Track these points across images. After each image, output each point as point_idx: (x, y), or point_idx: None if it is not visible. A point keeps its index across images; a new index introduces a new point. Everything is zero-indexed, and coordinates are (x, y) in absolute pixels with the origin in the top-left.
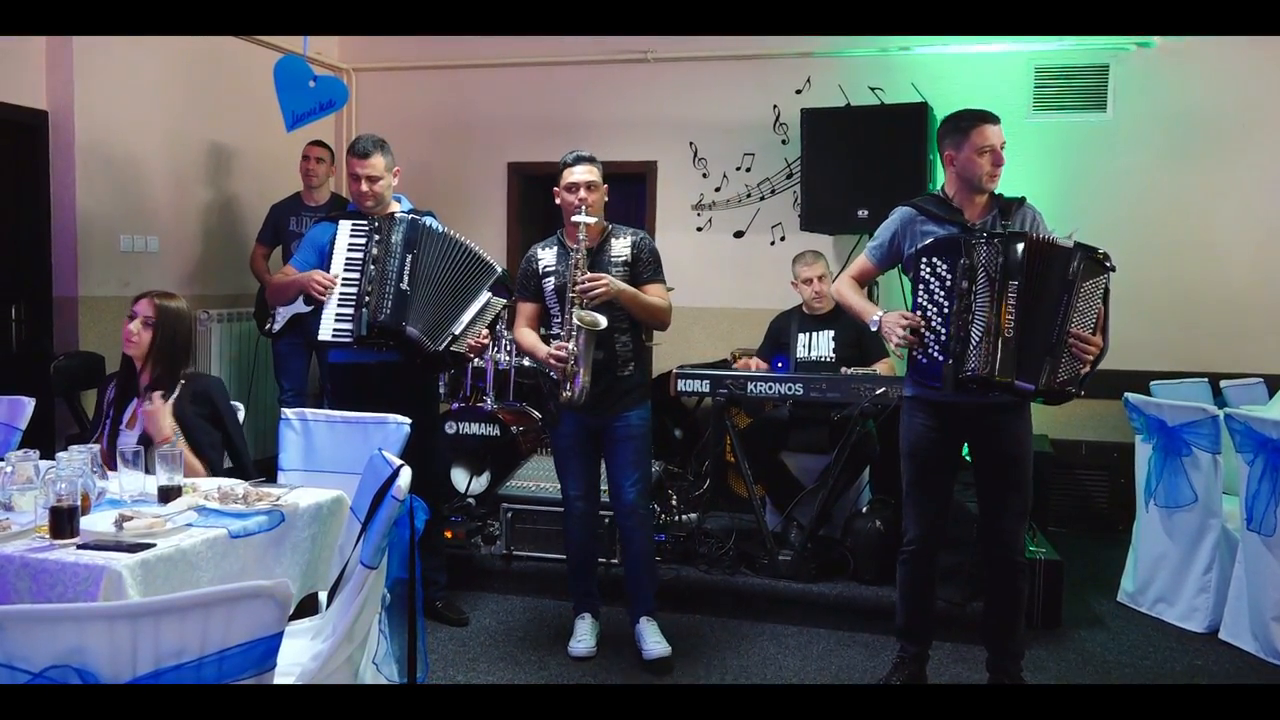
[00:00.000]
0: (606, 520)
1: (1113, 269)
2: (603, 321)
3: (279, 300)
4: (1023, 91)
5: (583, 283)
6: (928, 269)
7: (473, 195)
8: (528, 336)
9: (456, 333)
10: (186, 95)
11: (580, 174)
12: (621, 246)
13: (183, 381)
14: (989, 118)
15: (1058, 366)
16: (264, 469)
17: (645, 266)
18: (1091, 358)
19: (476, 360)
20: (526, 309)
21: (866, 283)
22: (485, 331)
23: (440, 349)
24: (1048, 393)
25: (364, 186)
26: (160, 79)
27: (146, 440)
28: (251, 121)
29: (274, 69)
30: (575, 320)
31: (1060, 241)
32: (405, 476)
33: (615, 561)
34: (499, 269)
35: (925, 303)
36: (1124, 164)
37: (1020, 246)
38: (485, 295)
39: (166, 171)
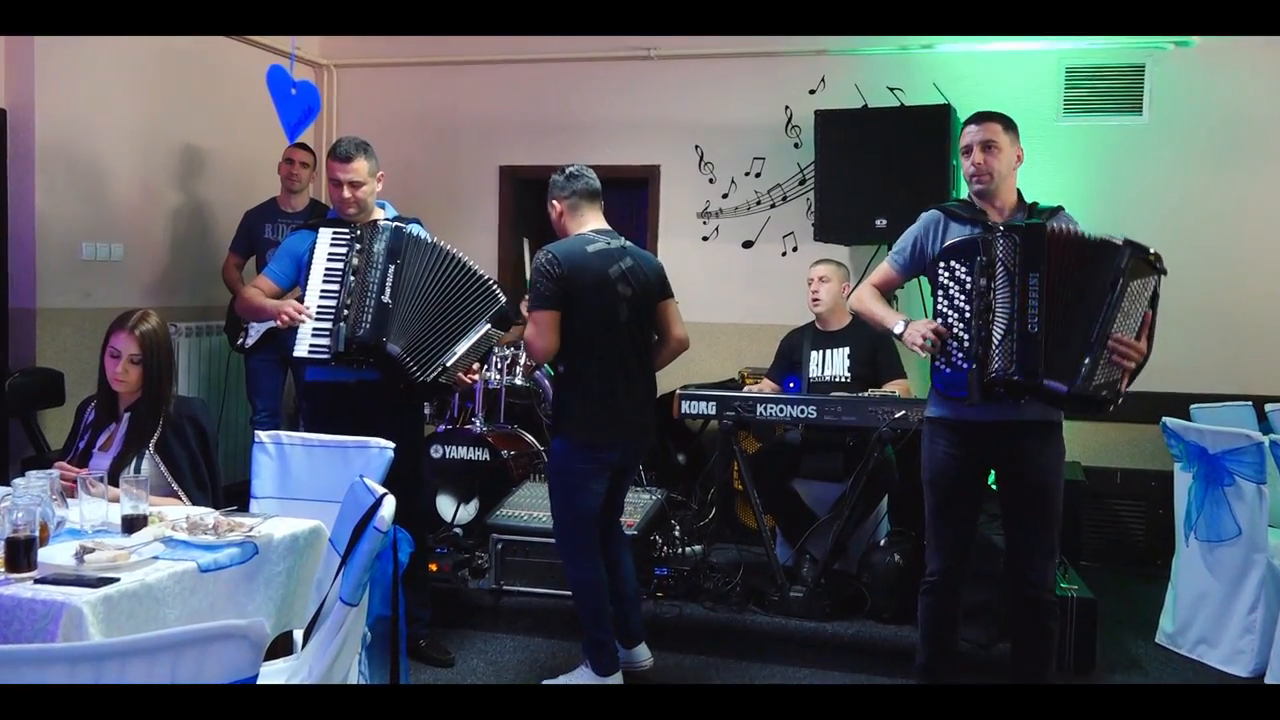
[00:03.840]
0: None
1: (1163, 271)
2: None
3: (247, 316)
4: (1053, 93)
5: None
6: (946, 273)
7: (462, 200)
8: None
9: (448, 364)
10: (157, 93)
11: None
12: None
13: (165, 409)
14: (972, 117)
15: (1095, 370)
16: (236, 496)
17: None
18: (1133, 365)
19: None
20: None
21: (890, 292)
22: (476, 365)
23: (428, 380)
24: (1081, 398)
25: (346, 193)
26: (129, 75)
27: (114, 470)
28: (227, 122)
29: (266, 79)
30: None
31: (1110, 238)
32: (389, 506)
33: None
34: (502, 299)
35: (946, 309)
36: (1161, 170)
37: (1040, 236)
38: (484, 326)
39: (133, 174)
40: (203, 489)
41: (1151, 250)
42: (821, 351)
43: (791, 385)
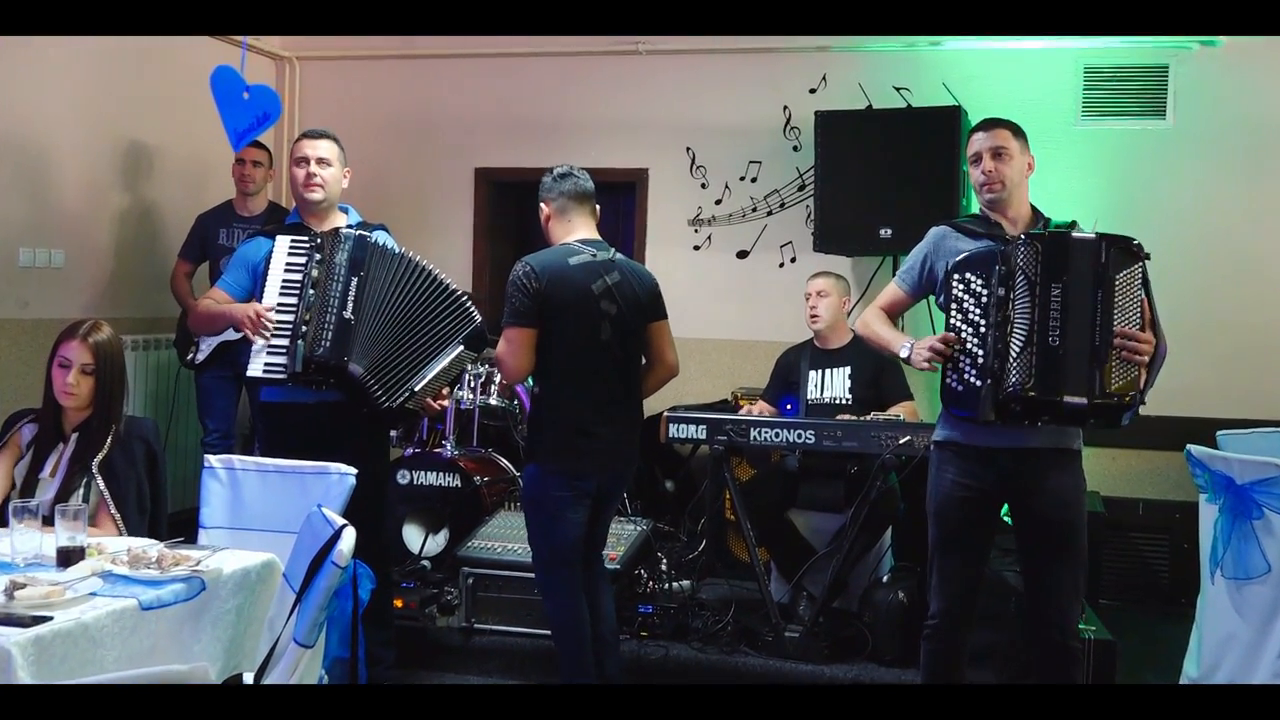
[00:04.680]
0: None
1: (1147, 256)
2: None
3: (204, 330)
4: (1070, 94)
5: None
6: (960, 286)
7: (434, 205)
8: None
9: (416, 389)
10: (102, 86)
11: None
12: None
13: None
14: (979, 124)
15: (1109, 375)
16: (182, 526)
17: None
18: (1145, 358)
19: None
20: None
21: (898, 314)
22: (445, 390)
23: (395, 405)
24: (1102, 409)
25: (312, 167)
26: (72, 67)
27: (62, 497)
28: (179, 118)
29: (210, 81)
30: None
31: (1078, 234)
32: (348, 539)
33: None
34: (476, 317)
35: (959, 323)
36: (1185, 178)
37: (1063, 244)
38: (456, 348)
39: (76, 174)
40: (144, 516)
41: (1128, 237)
42: (820, 371)
43: (788, 407)
